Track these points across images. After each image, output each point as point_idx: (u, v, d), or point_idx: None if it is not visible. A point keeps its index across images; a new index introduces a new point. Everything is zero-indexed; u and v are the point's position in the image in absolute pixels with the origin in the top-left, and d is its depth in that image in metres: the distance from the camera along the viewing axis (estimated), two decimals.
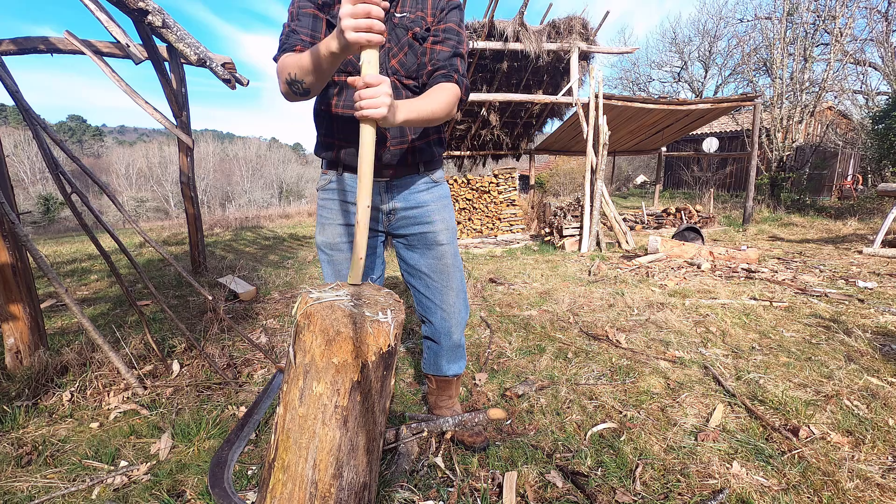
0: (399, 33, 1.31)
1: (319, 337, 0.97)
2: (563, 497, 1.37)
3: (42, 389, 2.05)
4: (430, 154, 1.46)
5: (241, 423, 1.72)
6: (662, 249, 4.99)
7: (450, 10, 1.34)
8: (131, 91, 2.52)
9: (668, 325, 2.85)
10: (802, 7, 10.09)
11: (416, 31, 1.30)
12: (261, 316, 3.34)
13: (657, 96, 18.16)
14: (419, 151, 1.42)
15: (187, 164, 4.69)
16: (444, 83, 1.28)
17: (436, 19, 1.33)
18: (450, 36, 1.32)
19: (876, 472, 1.41)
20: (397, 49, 1.31)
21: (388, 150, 1.36)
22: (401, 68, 1.32)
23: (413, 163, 1.43)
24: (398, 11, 1.31)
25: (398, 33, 1.30)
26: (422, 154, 1.43)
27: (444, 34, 1.31)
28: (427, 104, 1.20)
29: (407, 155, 1.40)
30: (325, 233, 1.48)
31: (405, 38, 1.31)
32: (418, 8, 1.32)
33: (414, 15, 1.31)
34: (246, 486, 1.46)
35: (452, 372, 1.71)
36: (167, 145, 30.66)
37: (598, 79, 5.96)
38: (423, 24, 1.31)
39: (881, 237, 5.16)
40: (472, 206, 7.47)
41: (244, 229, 10.99)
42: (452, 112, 1.29)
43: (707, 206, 9.21)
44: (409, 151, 1.40)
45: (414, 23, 1.31)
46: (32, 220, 18.94)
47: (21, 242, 2.08)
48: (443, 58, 1.30)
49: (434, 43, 1.31)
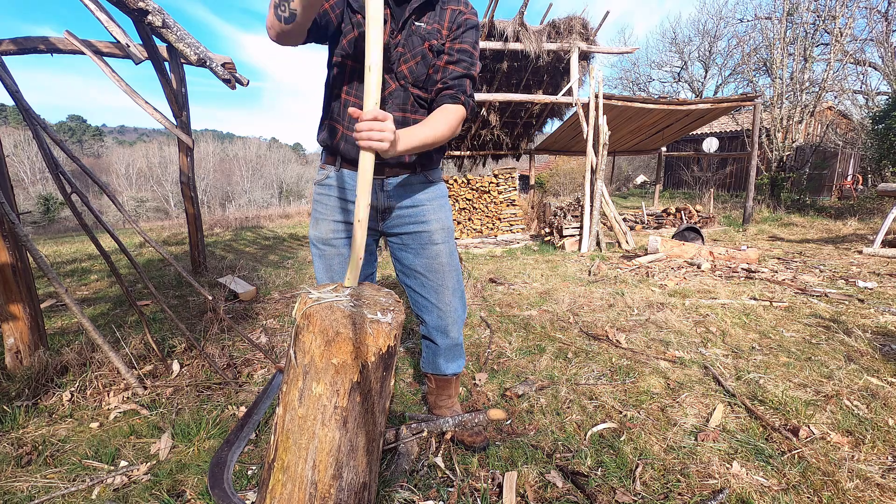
0: (415, 41, 1.32)
1: (319, 338, 0.97)
2: (563, 497, 1.37)
3: (42, 389, 2.05)
4: (429, 156, 1.47)
5: (241, 424, 1.72)
6: (662, 249, 4.99)
7: (467, 30, 1.36)
8: (131, 91, 2.52)
9: (668, 325, 2.85)
10: (802, 7, 10.09)
11: (433, 43, 1.33)
12: (261, 316, 3.34)
13: (657, 96, 18.16)
14: (418, 153, 1.42)
15: (187, 164, 4.68)
16: (450, 105, 1.31)
17: (451, 34, 1.35)
18: (464, 57, 1.35)
19: (876, 472, 1.41)
20: (410, 56, 1.32)
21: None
22: (409, 74, 1.34)
23: (410, 163, 1.44)
24: (418, 21, 1.33)
25: (414, 41, 1.32)
26: (420, 156, 1.44)
27: (458, 54, 1.34)
28: (429, 132, 1.23)
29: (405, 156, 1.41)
30: (318, 227, 1.49)
31: (420, 46, 1.32)
32: (436, 20, 1.34)
33: (431, 27, 1.33)
34: (246, 486, 1.46)
35: (451, 371, 1.71)
36: (167, 145, 30.67)
37: (598, 79, 5.96)
38: (439, 38, 1.33)
39: (881, 237, 5.15)
40: (472, 206, 7.47)
41: (244, 229, 10.99)
42: (455, 132, 1.33)
43: (707, 206, 9.21)
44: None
45: (430, 34, 1.33)
46: (32, 220, 18.95)
47: (21, 242, 2.08)
48: (454, 77, 1.33)
49: (448, 62, 1.34)
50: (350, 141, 1.38)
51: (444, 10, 1.34)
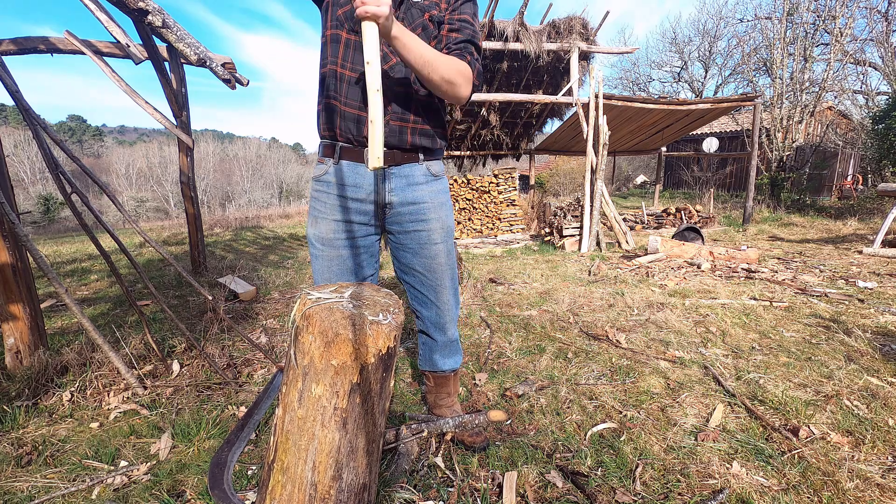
0: (414, 13, 1.33)
1: (318, 339, 0.97)
2: (563, 497, 1.37)
3: (42, 389, 2.05)
4: (431, 140, 1.44)
5: (241, 424, 1.71)
6: (662, 249, 4.99)
7: (464, 2, 1.36)
8: (131, 91, 2.52)
9: (668, 325, 2.85)
10: (802, 7, 10.09)
11: (433, 13, 1.33)
12: (261, 316, 3.34)
13: (657, 96, 18.16)
14: (420, 134, 1.40)
15: (187, 164, 4.68)
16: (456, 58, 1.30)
17: (450, 7, 1.35)
18: (465, 25, 1.35)
19: (876, 472, 1.41)
20: (411, 28, 1.32)
21: (388, 125, 1.36)
22: None
23: (412, 147, 1.41)
24: None
25: (413, 13, 1.33)
26: (422, 137, 1.41)
27: (459, 23, 1.34)
28: (430, 52, 1.20)
29: (406, 134, 1.38)
30: (317, 226, 1.45)
31: (420, 18, 1.33)
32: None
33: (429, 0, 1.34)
34: (246, 486, 1.46)
35: (448, 367, 1.70)
36: (167, 145, 30.67)
37: (598, 79, 5.96)
38: (438, 10, 1.34)
39: (881, 237, 5.15)
40: (472, 206, 7.47)
41: (244, 229, 10.99)
42: (455, 82, 1.26)
43: (707, 206, 9.21)
44: (408, 131, 1.38)
45: (429, 6, 1.34)
46: (32, 220, 18.94)
47: (21, 242, 2.08)
48: (457, 42, 1.33)
49: (450, 31, 1.34)
50: (348, 118, 1.35)
51: None
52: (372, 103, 1.02)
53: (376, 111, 1.02)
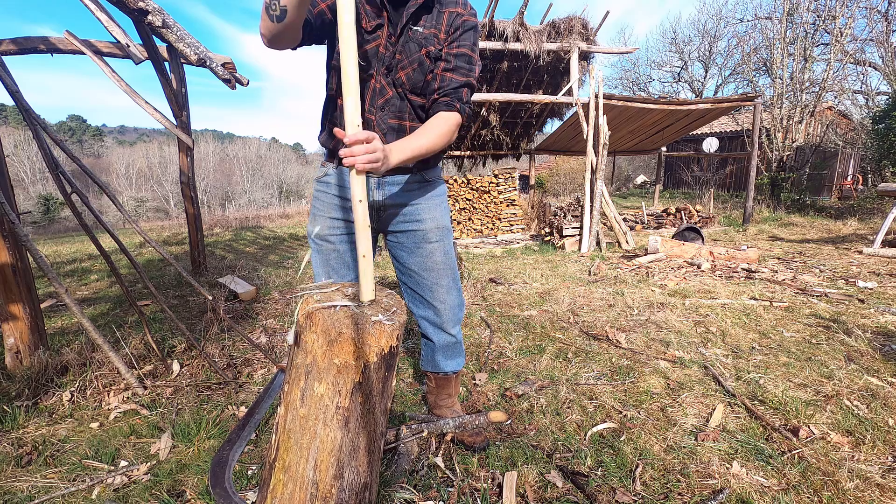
0: (412, 47, 1.30)
1: (321, 338, 0.97)
2: (563, 497, 1.37)
3: (42, 389, 2.05)
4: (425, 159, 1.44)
5: (242, 423, 1.71)
6: (662, 249, 4.99)
7: (465, 32, 1.32)
8: (131, 91, 2.52)
9: (668, 325, 2.85)
10: (802, 7, 10.09)
11: (431, 49, 1.30)
12: (261, 316, 3.34)
13: (657, 96, 18.16)
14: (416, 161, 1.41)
15: (187, 164, 4.68)
16: (445, 112, 1.30)
17: (449, 38, 1.32)
18: (461, 63, 1.32)
19: (876, 472, 1.41)
20: (407, 62, 1.30)
21: None
22: (407, 81, 1.32)
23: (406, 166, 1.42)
24: (415, 25, 1.30)
25: (411, 47, 1.30)
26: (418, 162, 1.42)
27: (455, 60, 1.31)
28: (423, 141, 1.23)
29: None
30: (316, 224, 1.50)
31: (417, 53, 1.30)
32: (433, 25, 1.31)
33: (428, 31, 1.30)
34: (246, 485, 1.46)
35: (450, 369, 1.70)
36: (167, 145, 30.65)
37: (598, 79, 5.97)
38: (436, 43, 1.31)
39: (881, 237, 5.16)
40: (472, 206, 7.46)
41: (244, 229, 10.99)
42: (451, 140, 1.32)
43: (707, 206, 9.21)
44: None
45: (427, 40, 1.30)
46: (32, 220, 18.94)
47: (21, 242, 2.08)
48: (452, 87, 1.31)
49: (445, 70, 1.31)
50: None
51: (441, 14, 1.31)
52: (360, 240, 1.04)
53: (366, 247, 1.05)
